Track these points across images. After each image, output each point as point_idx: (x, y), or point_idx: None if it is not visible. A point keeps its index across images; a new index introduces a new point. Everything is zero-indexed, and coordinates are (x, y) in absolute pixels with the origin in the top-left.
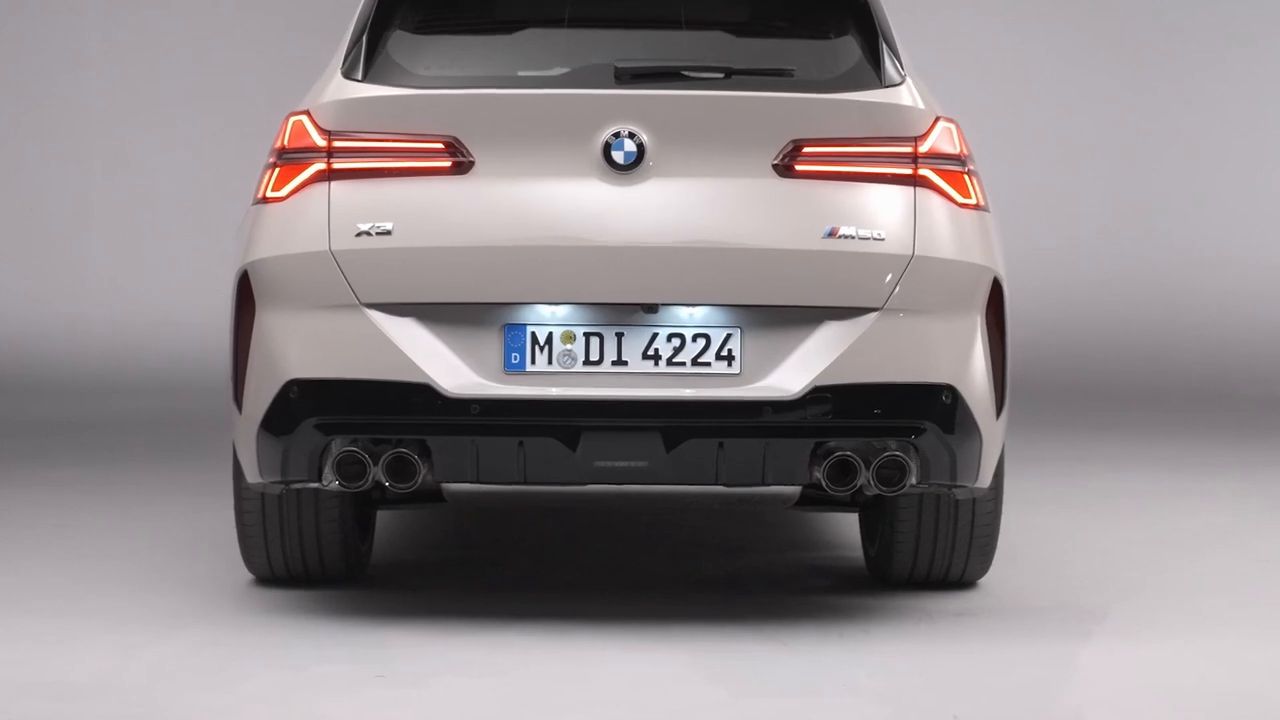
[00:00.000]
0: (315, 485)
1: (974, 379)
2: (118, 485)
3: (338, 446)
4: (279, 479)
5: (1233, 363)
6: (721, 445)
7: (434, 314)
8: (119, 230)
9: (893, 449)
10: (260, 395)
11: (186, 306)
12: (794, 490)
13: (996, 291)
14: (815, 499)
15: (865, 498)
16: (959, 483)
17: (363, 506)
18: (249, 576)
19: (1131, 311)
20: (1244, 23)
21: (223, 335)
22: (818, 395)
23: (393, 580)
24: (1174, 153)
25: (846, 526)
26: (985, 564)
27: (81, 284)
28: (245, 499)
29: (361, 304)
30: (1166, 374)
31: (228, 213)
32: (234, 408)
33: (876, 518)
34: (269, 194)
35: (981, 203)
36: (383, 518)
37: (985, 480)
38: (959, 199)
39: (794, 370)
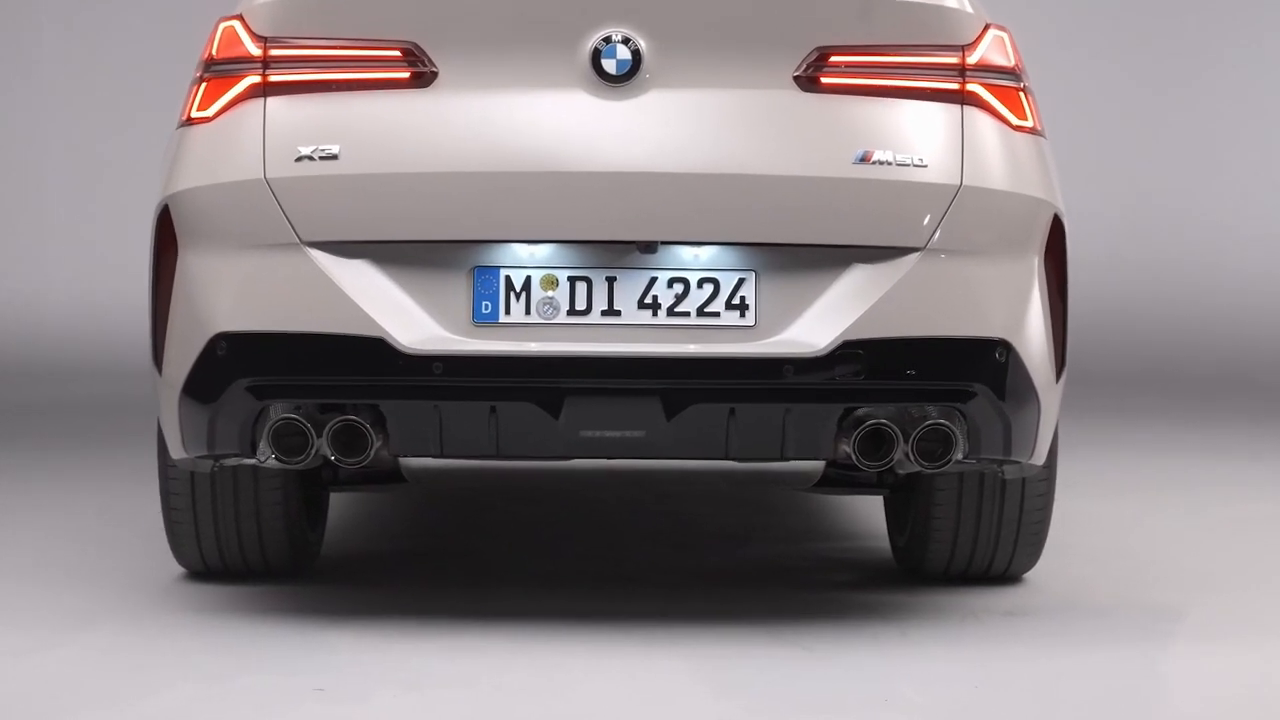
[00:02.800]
0: (249, 461)
1: (1031, 334)
2: (49, 470)
3: (274, 414)
4: (206, 453)
5: (1265, 347)
6: (733, 412)
7: (389, 254)
8: (76, 210)
9: (935, 417)
10: (183, 354)
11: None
12: (816, 467)
13: (1057, 230)
14: (838, 479)
15: (897, 477)
16: (1012, 457)
17: (312, 487)
18: (178, 570)
19: (1161, 292)
20: None
21: None
22: (847, 352)
23: (345, 574)
24: (1220, 132)
25: (867, 513)
26: (1034, 556)
27: (39, 265)
28: (171, 479)
29: (302, 243)
30: (1196, 357)
31: None
32: (154, 370)
33: (907, 502)
34: (194, 114)
35: (1038, 126)
36: (337, 502)
37: (1041, 456)
38: (1013, 120)
39: (819, 322)
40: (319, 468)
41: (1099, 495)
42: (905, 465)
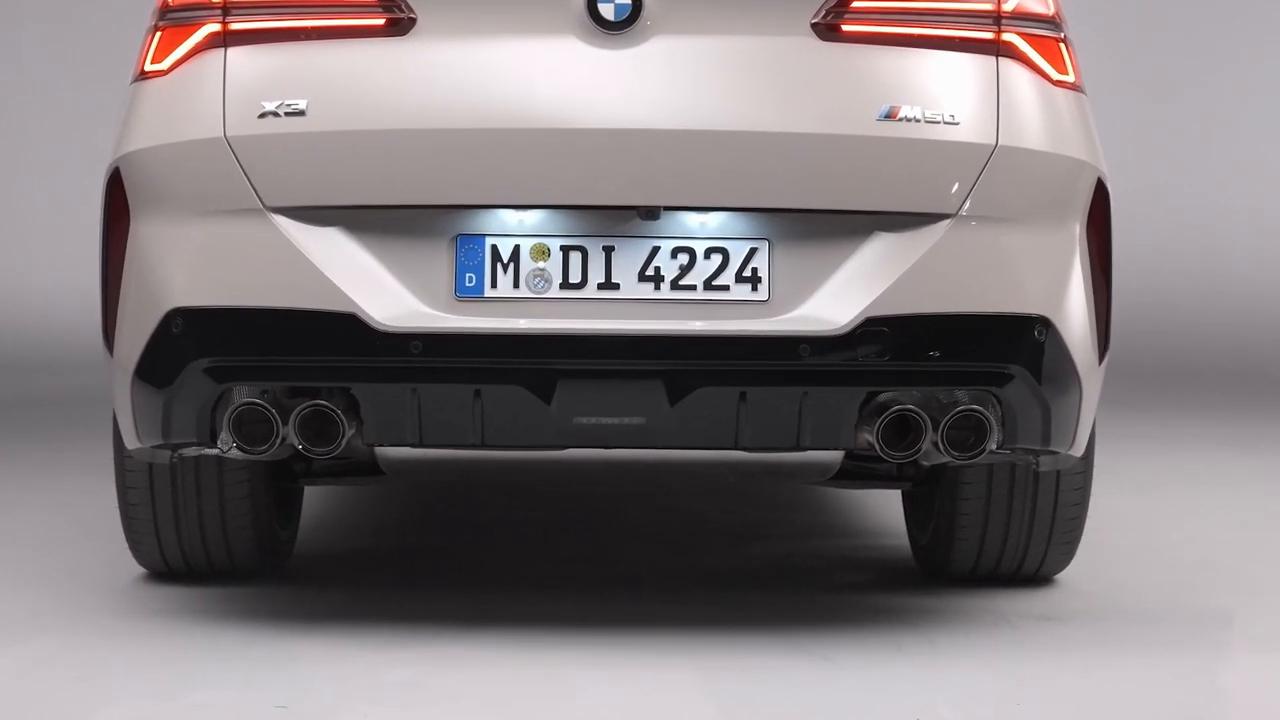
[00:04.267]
0: (210, 450)
1: (1073, 310)
2: (7, 466)
3: (236, 398)
4: (162, 442)
5: (1274, 339)
6: (743, 397)
7: (362, 221)
8: (58, 201)
9: (967, 402)
10: (134, 333)
11: None
12: (832, 459)
13: (1100, 196)
14: (855, 471)
15: (919, 469)
16: (1050, 447)
17: (283, 480)
18: (138, 571)
19: (1185, 285)
20: None
21: None
22: (870, 330)
23: (319, 575)
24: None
25: (882, 508)
26: (1068, 555)
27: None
28: (128, 471)
29: (266, 208)
30: (1209, 348)
31: None
32: (106, 352)
33: (930, 496)
34: (148, 67)
35: (1079, 81)
36: (311, 496)
37: (1080, 446)
38: (1053, 74)
39: (840, 297)
40: (290, 459)
41: (1122, 491)
42: (933, 456)
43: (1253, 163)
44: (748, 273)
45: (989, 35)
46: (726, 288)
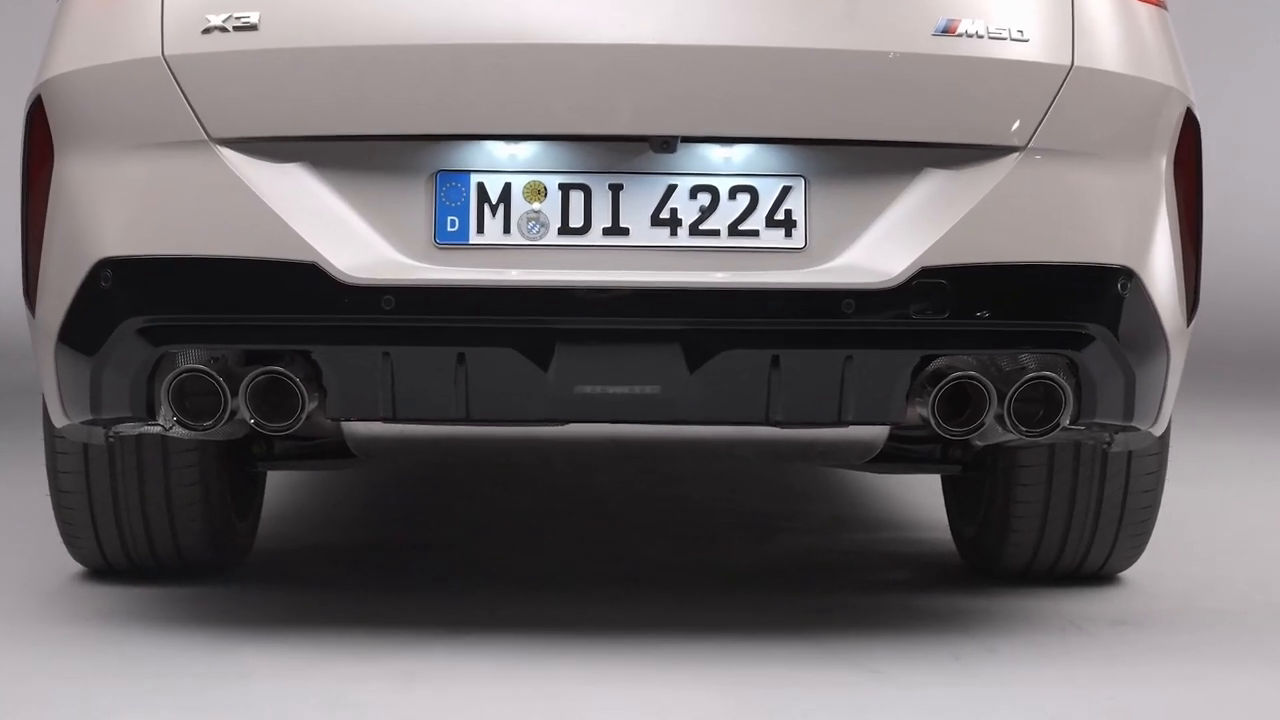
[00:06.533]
0: (151, 428)
1: (1159, 261)
2: None
3: (176, 364)
4: (91, 417)
5: None
6: (776, 362)
7: (323, 155)
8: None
9: (1036, 369)
10: (59, 288)
11: None
12: (875, 435)
13: (1190, 128)
14: (896, 454)
15: (968, 451)
16: (1133, 423)
17: (240, 464)
18: (74, 568)
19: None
20: None
21: None
22: (927, 282)
23: (281, 574)
24: None
25: (912, 497)
26: (1137, 550)
27: None
28: (59, 454)
29: (211, 140)
30: (1234, 337)
31: None
32: (28, 313)
33: (980, 482)
34: None
35: None
36: (276, 483)
37: (1164, 422)
38: None
39: (889, 243)
40: (247, 439)
41: (1175, 481)
42: (993, 433)
43: (1235, 157)
44: (780, 215)
45: None
46: (755, 233)
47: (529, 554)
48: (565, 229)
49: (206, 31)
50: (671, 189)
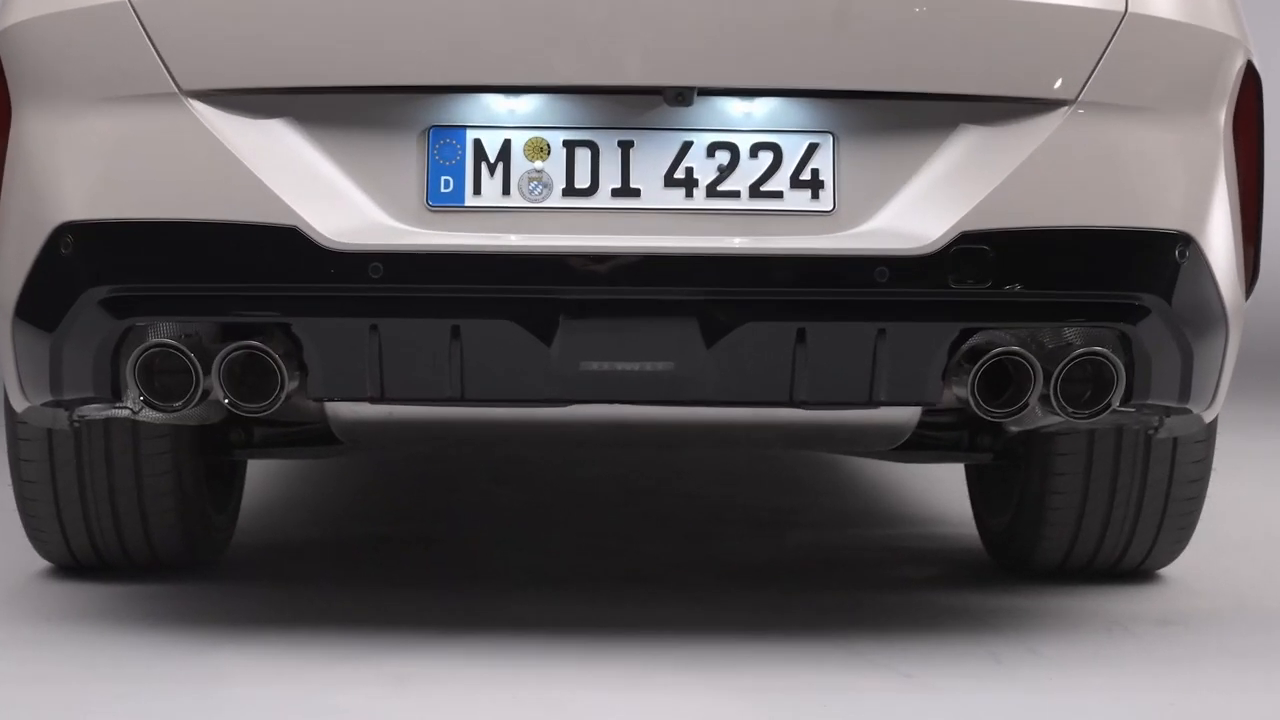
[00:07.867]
0: (118, 411)
1: (1218, 227)
2: None
3: (144, 339)
4: (52, 399)
5: None
6: (801, 336)
7: (305, 109)
8: None
9: (1084, 344)
10: (17, 257)
11: None
12: (907, 419)
13: (1251, 82)
14: (922, 441)
15: (999, 438)
16: (1189, 405)
17: (218, 452)
18: (39, 565)
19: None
20: None
21: None
22: (968, 249)
23: (260, 571)
24: None
25: (928, 488)
26: (1180, 544)
27: None
28: (22, 441)
29: (182, 92)
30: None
31: None
32: None
33: (1011, 471)
34: None
35: None
36: (257, 473)
37: (1219, 405)
38: None
39: (926, 206)
40: (225, 424)
41: (1233, 473)
42: (1033, 416)
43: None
44: (806, 175)
45: None
46: (779, 194)
47: (528, 550)
48: (570, 190)
49: None
50: (687, 146)
